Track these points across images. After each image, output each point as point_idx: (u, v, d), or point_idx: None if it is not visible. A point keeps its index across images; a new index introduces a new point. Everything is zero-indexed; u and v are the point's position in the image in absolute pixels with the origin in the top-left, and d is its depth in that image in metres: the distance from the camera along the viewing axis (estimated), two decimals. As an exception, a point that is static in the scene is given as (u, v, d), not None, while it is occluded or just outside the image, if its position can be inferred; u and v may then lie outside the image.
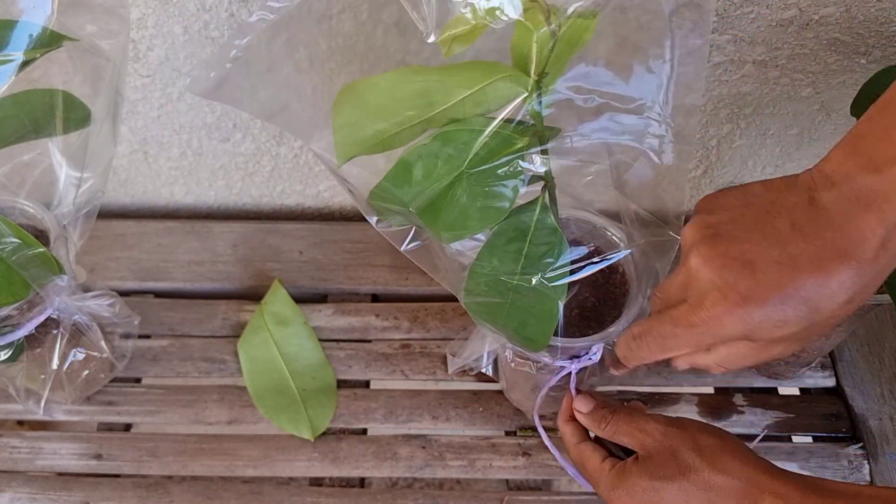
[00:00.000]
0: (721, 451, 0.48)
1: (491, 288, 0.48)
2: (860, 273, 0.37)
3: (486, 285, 0.48)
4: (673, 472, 0.47)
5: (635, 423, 0.51)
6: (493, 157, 0.43)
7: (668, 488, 0.47)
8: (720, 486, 0.46)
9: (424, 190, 0.44)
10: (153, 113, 0.71)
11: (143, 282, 0.74)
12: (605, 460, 0.52)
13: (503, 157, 0.43)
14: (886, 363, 0.67)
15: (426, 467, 0.64)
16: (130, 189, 0.81)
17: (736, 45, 0.63)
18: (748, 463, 0.47)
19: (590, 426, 0.54)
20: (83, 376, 0.64)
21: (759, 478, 0.46)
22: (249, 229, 0.78)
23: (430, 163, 0.43)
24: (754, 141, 0.73)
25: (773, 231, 0.38)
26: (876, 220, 0.36)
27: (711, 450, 0.48)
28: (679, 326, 0.41)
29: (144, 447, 0.65)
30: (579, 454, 0.54)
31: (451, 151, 0.43)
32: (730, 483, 0.46)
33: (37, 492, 0.62)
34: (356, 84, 0.44)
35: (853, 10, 0.60)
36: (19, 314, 0.55)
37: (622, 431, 0.51)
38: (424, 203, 0.44)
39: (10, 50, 0.44)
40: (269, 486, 0.63)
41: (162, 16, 0.62)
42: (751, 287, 0.38)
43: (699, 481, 0.47)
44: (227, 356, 0.70)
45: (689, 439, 0.48)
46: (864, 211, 0.36)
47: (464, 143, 0.42)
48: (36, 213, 0.56)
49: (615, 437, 0.52)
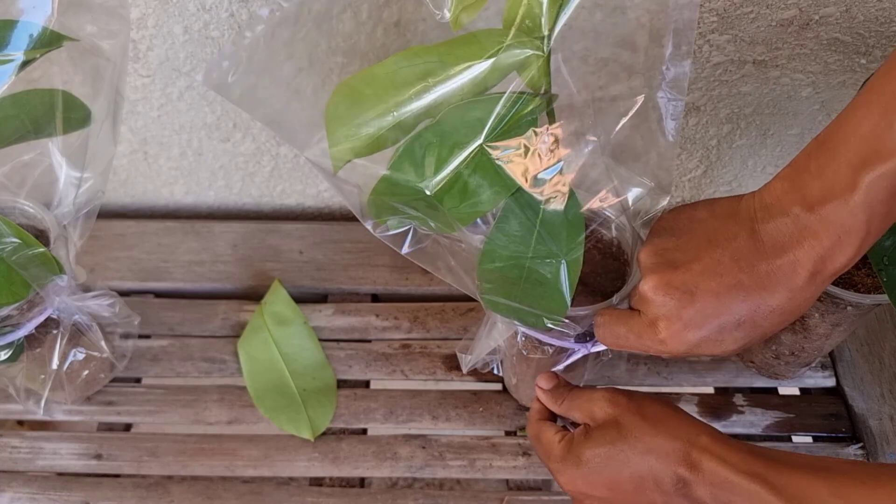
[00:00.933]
0: (664, 415, 0.48)
1: (506, 263, 0.47)
2: (791, 299, 0.41)
3: (500, 262, 0.47)
4: (615, 436, 0.48)
5: (585, 395, 0.52)
6: (508, 127, 0.42)
7: (610, 453, 0.48)
8: (660, 447, 0.46)
9: (438, 169, 0.43)
10: (153, 113, 0.71)
11: (143, 282, 0.74)
12: (557, 434, 0.52)
13: (518, 122, 0.42)
14: (886, 363, 0.67)
15: (426, 467, 0.64)
16: (130, 189, 0.81)
17: (736, 44, 0.63)
18: (691, 426, 0.47)
19: (548, 403, 0.55)
20: (83, 376, 0.64)
21: (700, 439, 0.45)
22: (249, 229, 0.78)
23: (440, 141, 0.42)
24: (754, 141, 0.74)
25: (713, 262, 0.42)
26: (806, 254, 0.39)
27: (655, 414, 0.48)
28: (632, 334, 0.46)
29: (144, 447, 0.65)
30: (536, 431, 0.54)
31: (463, 127, 0.42)
32: (670, 445, 0.46)
33: (37, 492, 0.62)
34: (350, 80, 0.43)
35: (853, 10, 0.60)
36: (19, 314, 0.55)
37: (574, 406, 0.52)
38: (437, 185, 0.44)
39: (11, 50, 0.44)
40: (269, 486, 0.63)
41: (162, 16, 0.62)
42: (691, 315, 0.43)
43: (640, 444, 0.47)
44: (226, 356, 0.70)
45: (634, 405, 0.49)
46: (797, 245, 0.40)
47: (478, 119, 0.41)
48: (36, 213, 0.56)
49: (569, 413, 0.52)
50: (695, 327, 0.43)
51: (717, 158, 0.76)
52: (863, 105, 0.38)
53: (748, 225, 0.42)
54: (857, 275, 0.58)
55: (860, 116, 0.37)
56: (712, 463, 0.44)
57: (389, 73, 0.42)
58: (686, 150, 0.75)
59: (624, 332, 0.47)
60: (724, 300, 0.42)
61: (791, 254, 0.40)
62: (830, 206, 0.38)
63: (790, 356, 0.64)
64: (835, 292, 0.55)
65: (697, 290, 0.42)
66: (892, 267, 0.51)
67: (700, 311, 0.43)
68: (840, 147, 0.38)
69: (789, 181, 0.40)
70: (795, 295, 0.41)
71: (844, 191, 0.37)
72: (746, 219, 0.42)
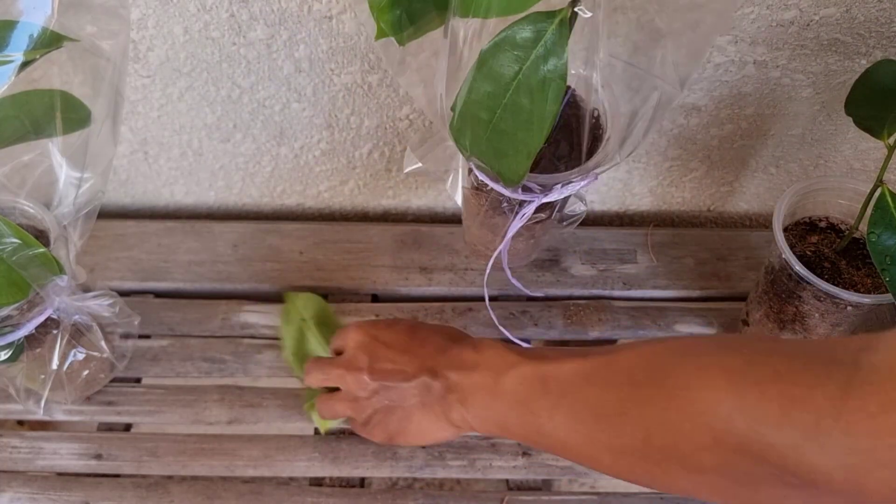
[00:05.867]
0: (415, 322, 0.61)
1: (481, 102, 0.46)
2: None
3: (478, 96, 0.46)
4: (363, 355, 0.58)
5: (334, 339, 0.62)
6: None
7: (355, 358, 0.58)
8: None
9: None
10: (153, 113, 0.71)
11: (143, 282, 0.74)
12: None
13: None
14: (887, 364, 0.67)
15: (426, 467, 0.64)
16: (131, 189, 0.81)
17: (737, 45, 0.63)
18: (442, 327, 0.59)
19: (318, 382, 0.61)
20: (83, 376, 0.64)
21: (457, 332, 0.58)
22: (249, 229, 0.78)
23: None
24: (755, 141, 0.74)
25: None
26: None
27: (400, 321, 0.61)
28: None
29: (144, 447, 0.65)
30: (328, 407, 0.61)
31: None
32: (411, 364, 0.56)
33: (37, 492, 0.62)
34: None
35: (854, 10, 0.60)
36: (19, 314, 0.55)
37: (333, 361, 0.60)
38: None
39: (10, 50, 0.44)
40: (269, 486, 0.63)
41: (162, 16, 0.62)
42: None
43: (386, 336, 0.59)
44: (226, 356, 0.70)
45: (378, 321, 0.61)
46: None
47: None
48: (36, 213, 0.56)
49: (332, 366, 0.59)
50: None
51: (719, 158, 0.76)
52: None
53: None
54: (857, 275, 0.58)
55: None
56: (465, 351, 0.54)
57: None
58: (687, 150, 0.75)
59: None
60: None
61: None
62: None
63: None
64: (835, 292, 0.55)
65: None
66: (894, 266, 0.51)
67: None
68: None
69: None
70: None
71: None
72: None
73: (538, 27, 0.43)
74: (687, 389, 0.39)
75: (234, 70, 0.66)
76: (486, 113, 0.46)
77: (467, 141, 0.48)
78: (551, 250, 0.76)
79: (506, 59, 0.44)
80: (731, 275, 0.75)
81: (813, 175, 0.77)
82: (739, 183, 0.79)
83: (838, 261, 0.59)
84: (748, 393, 0.36)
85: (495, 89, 0.45)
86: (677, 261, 0.76)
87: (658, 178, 0.79)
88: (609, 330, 0.71)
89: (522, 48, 0.43)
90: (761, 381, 0.36)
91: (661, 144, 0.74)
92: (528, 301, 0.73)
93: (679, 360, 0.41)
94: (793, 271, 0.57)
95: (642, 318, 0.72)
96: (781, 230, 0.58)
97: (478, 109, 0.46)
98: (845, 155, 0.75)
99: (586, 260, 0.76)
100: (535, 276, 0.74)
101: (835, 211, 0.61)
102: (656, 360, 0.43)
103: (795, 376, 0.35)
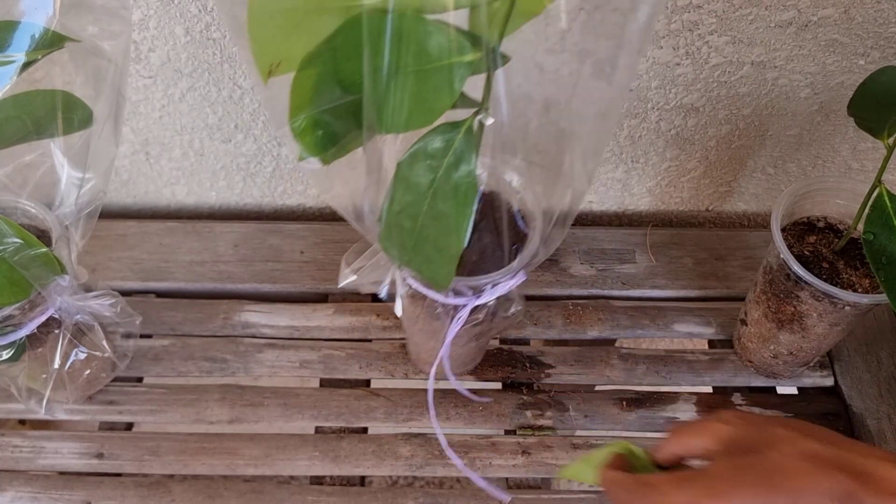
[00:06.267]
0: (809, 426, 0.41)
1: (403, 211, 0.46)
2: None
3: (400, 206, 0.46)
4: (757, 443, 0.40)
5: (697, 423, 0.43)
6: (438, 59, 0.40)
7: (752, 463, 0.39)
8: (817, 454, 0.38)
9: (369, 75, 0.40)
10: (155, 114, 0.71)
11: (144, 282, 0.75)
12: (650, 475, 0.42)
13: (449, 62, 0.40)
14: (884, 363, 0.68)
15: (426, 466, 0.64)
16: (132, 189, 0.81)
17: (735, 46, 0.63)
18: (849, 440, 0.41)
19: (681, 447, 0.44)
20: (85, 376, 0.65)
21: (864, 450, 0.39)
22: (250, 229, 0.78)
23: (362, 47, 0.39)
24: (753, 141, 0.74)
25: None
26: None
27: (798, 425, 0.41)
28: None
29: (146, 446, 0.65)
30: (612, 476, 0.43)
31: (395, 41, 0.39)
32: (829, 451, 0.39)
33: (38, 491, 0.63)
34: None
35: (851, 11, 0.60)
36: (21, 314, 0.55)
37: (683, 443, 0.43)
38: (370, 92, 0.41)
39: (12, 51, 0.44)
40: (270, 484, 0.64)
41: (163, 17, 0.62)
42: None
43: (792, 450, 0.39)
44: (227, 356, 0.70)
45: (771, 418, 0.42)
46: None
47: (408, 31, 0.39)
48: (38, 213, 0.56)
49: (677, 446, 0.43)
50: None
51: (717, 159, 0.76)
52: None
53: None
54: (855, 275, 0.58)
55: None
56: (885, 470, 0.37)
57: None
58: (685, 150, 0.75)
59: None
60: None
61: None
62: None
63: (788, 356, 0.65)
64: (833, 292, 0.55)
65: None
66: (890, 266, 0.51)
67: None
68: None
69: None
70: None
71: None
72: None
73: (447, 137, 0.44)
74: None
75: (236, 71, 0.67)
76: (409, 221, 0.47)
77: (396, 250, 0.49)
78: (551, 250, 0.76)
79: (421, 168, 0.45)
80: (729, 275, 0.75)
81: (811, 175, 0.78)
82: (738, 183, 0.79)
83: (836, 261, 0.59)
84: None
85: (415, 198, 0.46)
86: (676, 261, 0.76)
87: (657, 179, 0.79)
88: (608, 329, 0.72)
89: (434, 157, 0.45)
90: None
91: (659, 145, 0.74)
92: (528, 301, 0.74)
93: None
94: (791, 271, 0.57)
95: (641, 318, 0.72)
96: (780, 230, 0.58)
97: (401, 219, 0.47)
98: (843, 155, 0.75)
99: (585, 260, 0.76)
100: (535, 275, 0.74)
101: (833, 211, 0.62)
102: None
103: None
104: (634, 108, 0.70)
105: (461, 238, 0.46)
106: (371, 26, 0.38)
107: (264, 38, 0.41)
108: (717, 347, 0.72)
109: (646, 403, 0.67)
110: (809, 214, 0.62)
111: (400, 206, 0.47)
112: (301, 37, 0.40)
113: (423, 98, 0.41)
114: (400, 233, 0.48)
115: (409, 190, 0.46)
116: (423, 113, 0.42)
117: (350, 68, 0.41)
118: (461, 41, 0.39)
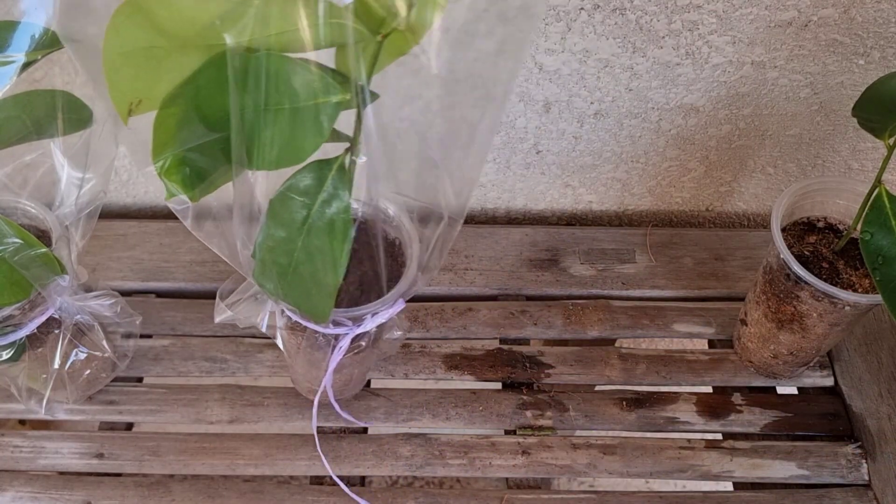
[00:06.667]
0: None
1: (278, 247, 0.46)
2: None
3: (273, 242, 0.46)
4: None
5: None
6: (305, 99, 0.39)
7: None
8: None
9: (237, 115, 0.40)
10: (154, 113, 0.71)
11: (144, 282, 0.75)
12: None
13: (315, 102, 0.40)
14: (885, 362, 0.67)
15: (426, 466, 0.64)
16: (132, 189, 0.81)
17: (735, 46, 0.63)
18: None
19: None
20: (85, 376, 0.65)
21: None
22: (250, 229, 0.78)
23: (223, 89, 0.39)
24: (753, 141, 0.74)
25: None
26: None
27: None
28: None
29: (146, 446, 0.65)
30: None
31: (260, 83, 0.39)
32: None
33: (38, 491, 0.63)
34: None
35: (852, 11, 0.60)
36: (21, 314, 0.55)
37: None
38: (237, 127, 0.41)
39: (12, 51, 0.44)
40: (270, 484, 0.64)
41: (163, 17, 0.62)
42: None
43: None
44: (228, 356, 0.70)
45: None
46: None
47: (274, 71, 0.38)
48: (38, 213, 0.56)
49: None
50: None
51: (717, 159, 0.76)
52: None
53: None
54: (855, 275, 0.58)
55: None
56: None
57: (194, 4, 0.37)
58: (685, 150, 0.75)
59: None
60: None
61: None
62: None
63: (788, 356, 0.65)
64: (832, 292, 0.55)
65: None
66: (885, 266, 0.51)
67: None
68: None
69: None
70: None
71: None
72: None
73: (319, 175, 0.44)
74: None
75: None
76: (284, 257, 0.47)
77: (271, 286, 0.49)
78: (550, 250, 0.76)
79: (294, 205, 0.45)
80: (729, 275, 0.75)
81: (811, 175, 0.78)
82: (738, 183, 0.79)
83: (836, 261, 0.59)
84: None
85: (289, 234, 0.46)
86: (676, 261, 0.76)
87: (657, 178, 0.79)
88: (608, 329, 0.72)
89: (307, 194, 0.45)
90: None
91: (659, 145, 0.74)
92: (528, 301, 0.74)
93: None
94: (791, 271, 0.57)
95: (641, 318, 0.72)
96: (780, 230, 0.58)
97: (276, 255, 0.47)
98: (843, 155, 0.75)
99: (585, 260, 0.76)
100: (535, 275, 0.75)
101: (833, 211, 0.62)
102: None
103: None
104: (634, 108, 0.70)
105: (338, 273, 0.46)
106: (235, 65, 0.38)
107: (121, 79, 0.40)
108: (717, 347, 0.72)
109: (646, 403, 0.67)
110: (809, 214, 0.62)
111: (274, 241, 0.46)
112: (163, 75, 0.39)
113: (292, 137, 0.41)
114: (276, 269, 0.47)
115: (282, 226, 0.46)
116: (292, 151, 0.41)
117: (215, 106, 0.40)
118: (327, 81, 0.39)
